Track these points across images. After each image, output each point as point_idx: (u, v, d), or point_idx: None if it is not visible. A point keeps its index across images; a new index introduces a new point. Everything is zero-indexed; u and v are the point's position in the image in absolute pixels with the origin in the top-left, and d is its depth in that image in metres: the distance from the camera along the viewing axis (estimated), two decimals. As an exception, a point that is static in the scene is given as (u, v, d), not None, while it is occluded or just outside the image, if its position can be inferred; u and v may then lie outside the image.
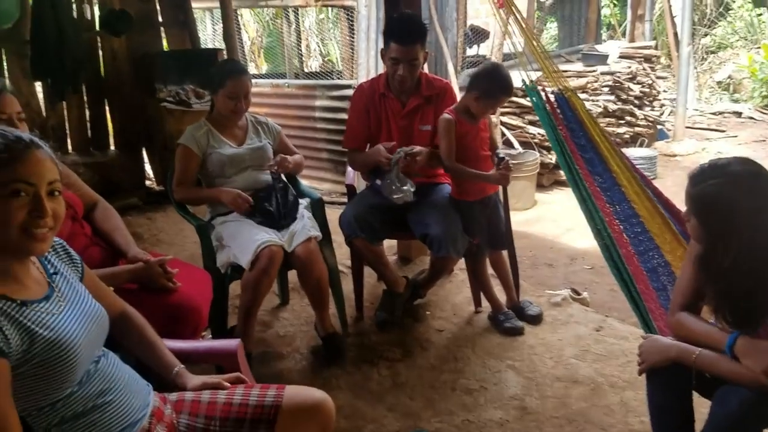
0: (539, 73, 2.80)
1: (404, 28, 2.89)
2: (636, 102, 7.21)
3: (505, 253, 3.17)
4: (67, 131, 4.96)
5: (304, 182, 3.36)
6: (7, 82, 2.22)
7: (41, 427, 1.31)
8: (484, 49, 7.22)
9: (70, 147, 4.97)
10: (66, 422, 1.33)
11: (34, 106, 4.72)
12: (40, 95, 4.83)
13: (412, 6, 3.46)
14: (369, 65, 5.95)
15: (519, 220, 4.84)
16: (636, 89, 7.19)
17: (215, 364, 1.89)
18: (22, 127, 2.02)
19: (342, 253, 3.33)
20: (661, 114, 7.83)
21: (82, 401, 1.35)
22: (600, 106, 6.60)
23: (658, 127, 7.74)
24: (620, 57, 7.65)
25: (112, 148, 5.25)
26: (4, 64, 4.58)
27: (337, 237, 3.10)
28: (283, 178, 2.94)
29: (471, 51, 7.29)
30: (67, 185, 2.05)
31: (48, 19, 4.23)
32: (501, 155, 2.94)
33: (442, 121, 2.87)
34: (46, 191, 1.31)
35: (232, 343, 1.76)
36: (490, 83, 2.79)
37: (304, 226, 2.76)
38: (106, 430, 1.37)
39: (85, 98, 5.02)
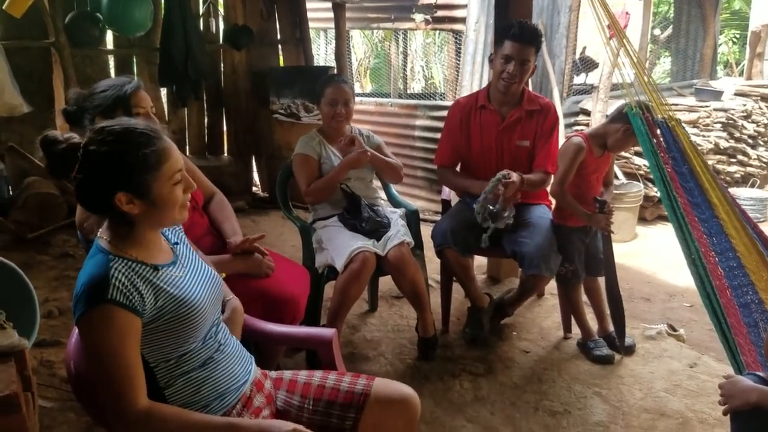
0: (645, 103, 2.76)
1: (523, 27, 2.88)
2: (750, 141, 6.88)
3: (600, 280, 3.12)
4: (187, 135, 5.35)
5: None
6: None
7: (165, 379, 1.47)
8: (593, 77, 7.14)
9: (188, 150, 5.34)
10: (185, 375, 1.49)
11: (159, 110, 5.11)
12: (164, 100, 5.24)
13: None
14: (472, 87, 6.03)
15: (617, 252, 4.64)
16: (750, 128, 6.86)
17: (311, 348, 1.99)
18: (153, 121, 2.19)
19: (432, 268, 3.40)
20: (776, 155, 7.42)
21: (202, 357, 1.51)
22: (711, 143, 6.36)
23: (772, 168, 7.34)
24: (735, 94, 7.33)
25: (225, 154, 5.61)
26: (135, 69, 5.01)
27: (428, 252, 3.17)
28: (377, 195, 3.10)
29: (579, 79, 7.23)
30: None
31: (177, 30, 4.60)
32: (602, 200, 2.84)
33: (570, 145, 2.80)
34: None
35: (328, 331, 1.87)
36: None
37: (398, 232, 2.85)
38: (213, 388, 1.51)
39: (205, 106, 5.40)
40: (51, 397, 2.51)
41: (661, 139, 2.49)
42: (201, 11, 5.22)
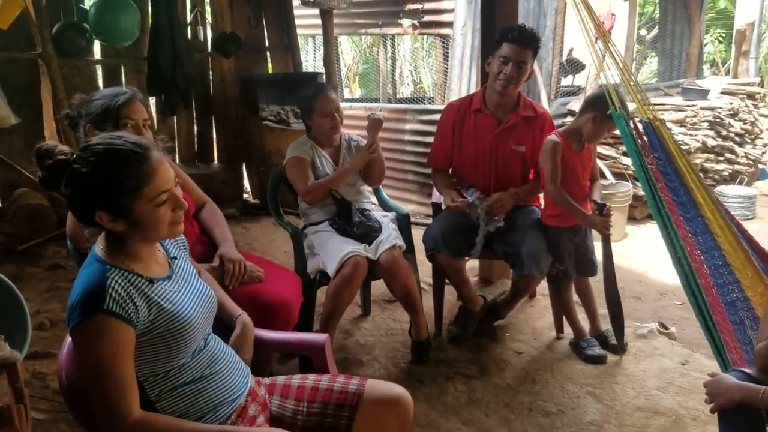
0: (629, 104, 2.77)
1: (523, 31, 2.92)
2: (737, 139, 6.92)
3: (591, 280, 3.13)
4: (176, 144, 5.34)
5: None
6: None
7: (155, 393, 1.47)
8: (580, 79, 7.18)
9: (177, 159, 5.33)
10: (176, 389, 1.48)
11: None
12: (153, 109, 5.22)
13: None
14: (461, 91, 6.05)
15: (607, 252, 4.68)
16: (737, 126, 6.90)
17: (304, 354, 1.99)
18: (147, 134, 2.17)
19: (424, 271, 3.40)
20: (764, 153, 7.45)
21: (192, 372, 1.51)
22: (698, 141, 6.39)
23: (760, 166, 7.38)
24: (722, 93, 7.38)
25: (215, 161, 5.60)
26: (123, 79, 5.00)
27: (420, 255, 3.18)
28: (367, 200, 3.12)
29: (566, 81, 7.28)
30: (181, 186, 2.23)
31: (165, 39, 4.59)
32: (601, 203, 2.85)
33: (547, 143, 2.84)
34: (175, 185, 1.48)
35: (320, 337, 1.87)
36: None
37: (389, 235, 2.87)
38: (209, 400, 1.51)
39: (194, 114, 5.39)
40: (44, 409, 2.50)
41: (646, 140, 2.51)
42: (188, 19, 5.22)
